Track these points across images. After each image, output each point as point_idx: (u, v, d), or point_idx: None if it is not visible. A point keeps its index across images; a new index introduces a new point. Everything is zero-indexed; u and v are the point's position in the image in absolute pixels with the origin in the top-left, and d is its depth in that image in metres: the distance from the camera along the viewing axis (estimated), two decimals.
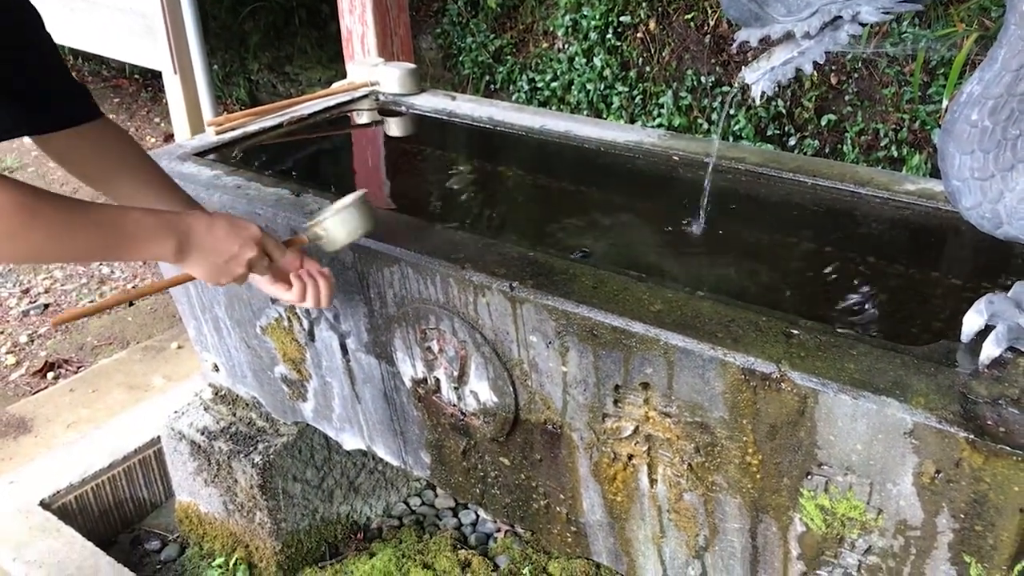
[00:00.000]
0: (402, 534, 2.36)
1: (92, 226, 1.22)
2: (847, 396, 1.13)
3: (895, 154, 3.84)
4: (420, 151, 2.32)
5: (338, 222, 1.47)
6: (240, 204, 1.74)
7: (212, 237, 1.33)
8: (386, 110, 2.44)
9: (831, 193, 1.78)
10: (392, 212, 1.76)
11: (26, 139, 1.41)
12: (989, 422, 1.06)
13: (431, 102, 2.42)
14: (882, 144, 3.88)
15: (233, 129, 2.17)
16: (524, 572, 2.20)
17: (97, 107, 1.44)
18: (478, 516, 2.45)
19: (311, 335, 1.83)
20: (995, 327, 1.17)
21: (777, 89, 4.03)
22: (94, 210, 1.23)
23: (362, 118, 2.42)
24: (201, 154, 2.03)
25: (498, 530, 2.39)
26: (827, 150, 4.02)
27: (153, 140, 5.81)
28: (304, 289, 1.51)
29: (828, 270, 1.58)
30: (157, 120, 6.05)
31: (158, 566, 2.33)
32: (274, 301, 1.82)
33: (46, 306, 3.86)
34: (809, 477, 1.23)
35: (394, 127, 2.42)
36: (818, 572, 1.31)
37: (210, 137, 2.14)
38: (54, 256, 1.27)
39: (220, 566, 2.28)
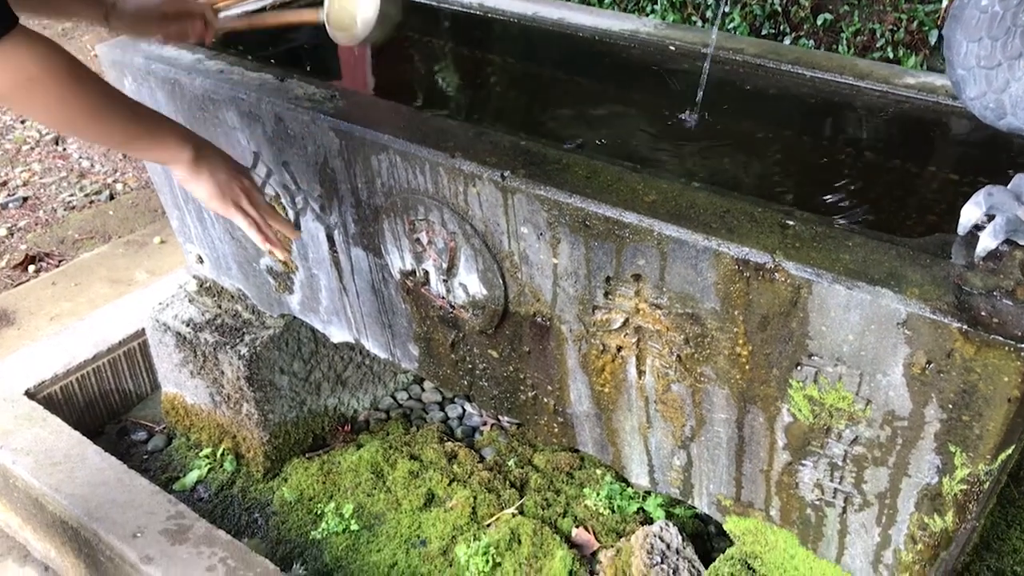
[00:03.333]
0: (389, 427, 2.38)
1: (127, 113, 1.31)
2: (841, 286, 1.12)
3: (891, 55, 3.77)
4: (408, 37, 2.24)
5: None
6: (223, 88, 1.69)
7: (219, 155, 1.44)
8: None
9: (829, 86, 1.74)
10: (380, 99, 1.71)
11: None
12: (983, 313, 1.06)
13: None
14: (878, 45, 3.80)
15: (217, 12, 2.09)
16: (509, 463, 2.23)
17: None
18: (464, 410, 2.48)
19: (297, 226, 1.80)
20: (993, 219, 1.16)
21: None
22: (130, 100, 1.33)
23: None
24: None
25: (484, 424, 2.42)
26: (822, 50, 3.94)
27: None
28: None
29: (825, 162, 1.56)
30: None
31: (145, 456, 2.35)
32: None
33: (25, 199, 3.80)
34: (799, 368, 1.23)
35: None
36: (803, 462, 1.33)
37: None
38: (86, 131, 1.31)
39: (207, 456, 2.30)
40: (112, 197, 3.84)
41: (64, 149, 4.20)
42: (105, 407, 2.45)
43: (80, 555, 2.00)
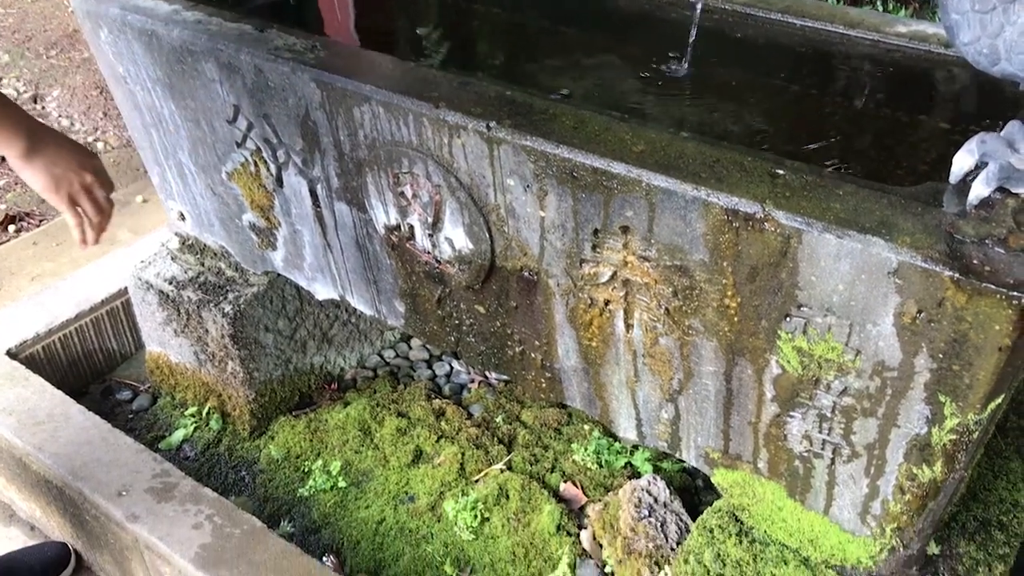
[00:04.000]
0: (376, 384, 2.37)
1: None
2: (832, 235, 1.10)
3: (880, 9, 3.74)
4: None
5: None
6: (201, 40, 1.65)
7: (60, 149, 1.45)
8: None
9: (820, 35, 1.71)
10: (362, 49, 1.68)
11: None
12: (975, 261, 1.04)
13: None
14: None
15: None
16: (497, 420, 2.22)
17: None
18: (452, 367, 2.47)
19: (279, 181, 1.77)
20: (985, 167, 1.14)
21: None
22: None
23: None
24: None
25: (472, 381, 2.41)
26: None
27: None
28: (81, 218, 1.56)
29: (815, 112, 1.54)
30: None
31: (130, 416, 2.33)
32: (240, 144, 1.76)
33: (2, 159, 3.73)
34: (788, 319, 1.22)
35: None
36: (792, 414, 1.32)
37: None
38: None
39: (193, 415, 2.28)
40: None
41: (43, 108, 4.13)
42: (89, 366, 2.43)
43: (65, 514, 1.99)
